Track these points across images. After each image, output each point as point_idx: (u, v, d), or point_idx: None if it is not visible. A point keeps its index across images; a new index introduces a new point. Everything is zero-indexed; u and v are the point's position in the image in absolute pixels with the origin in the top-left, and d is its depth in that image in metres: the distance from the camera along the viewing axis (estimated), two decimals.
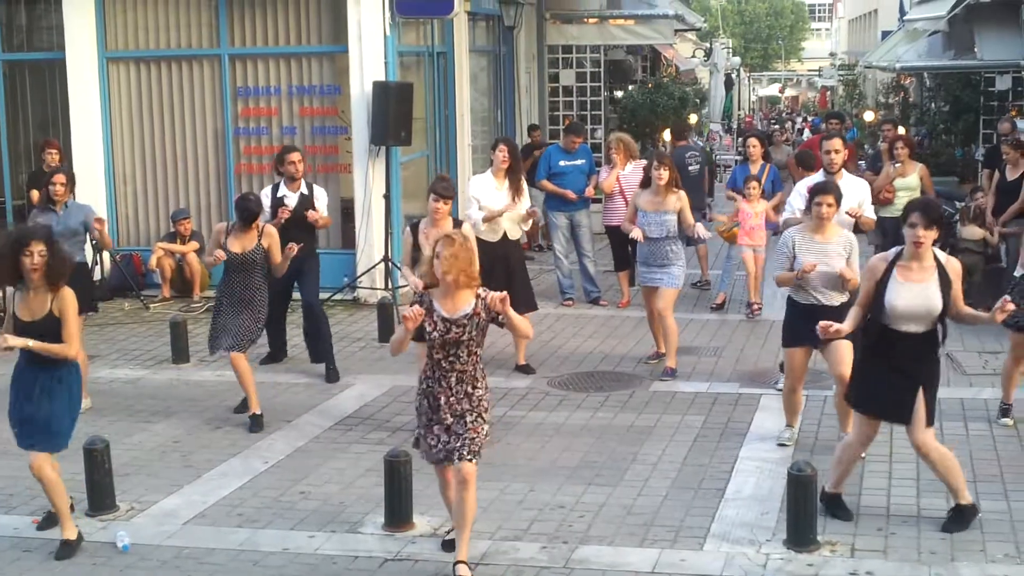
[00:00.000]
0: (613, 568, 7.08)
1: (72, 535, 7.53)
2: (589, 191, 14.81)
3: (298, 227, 11.13)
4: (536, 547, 7.38)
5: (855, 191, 10.32)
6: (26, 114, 16.39)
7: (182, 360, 12.14)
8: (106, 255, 14.97)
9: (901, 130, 18.96)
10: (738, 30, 79.85)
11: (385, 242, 14.63)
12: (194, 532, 7.79)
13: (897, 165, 14.11)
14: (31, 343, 7.25)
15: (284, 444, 9.55)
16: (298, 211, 11.32)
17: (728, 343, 12.63)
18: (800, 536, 7.24)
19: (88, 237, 11.23)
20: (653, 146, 23.15)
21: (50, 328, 7.32)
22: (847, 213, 9.81)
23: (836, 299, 8.79)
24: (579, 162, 14.87)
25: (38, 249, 7.25)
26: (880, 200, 14.33)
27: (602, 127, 22.54)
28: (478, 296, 6.87)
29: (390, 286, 14.41)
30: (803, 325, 8.58)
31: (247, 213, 10.05)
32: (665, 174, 11.09)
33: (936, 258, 7.41)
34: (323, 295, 14.18)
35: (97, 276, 14.38)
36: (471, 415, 6.97)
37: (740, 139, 28.80)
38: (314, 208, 11.47)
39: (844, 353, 8.59)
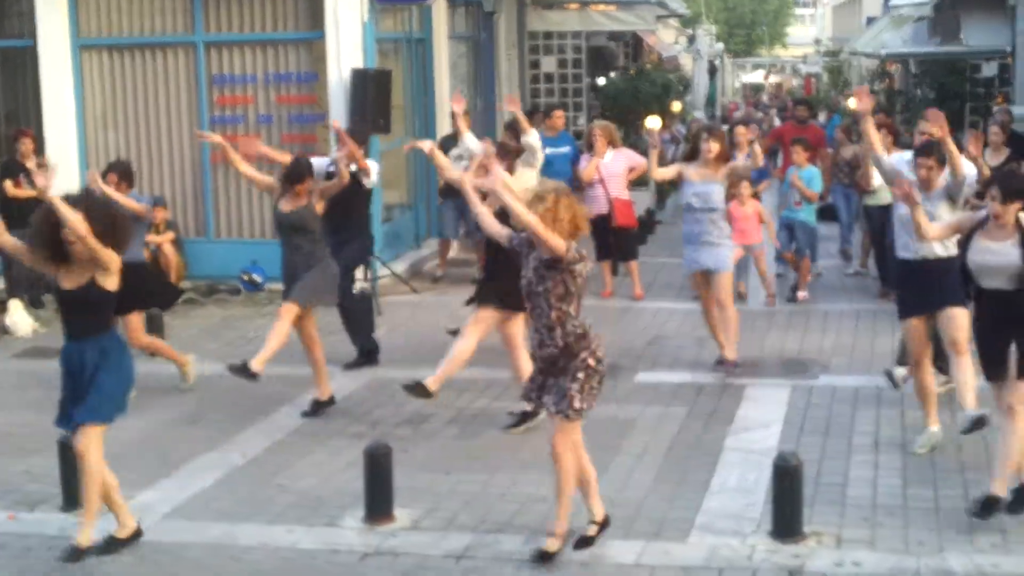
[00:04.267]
0: (597, 560, 7.01)
1: (84, 541, 7.25)
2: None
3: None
4: (519, 540, 7.30)
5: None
6: None
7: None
8: None
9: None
10: (721, 16, 79.64)
11: None
12: (171, 527, 7.69)
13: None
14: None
15: (262, 438, 9.45)
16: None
17: None
18: (786, 527, 7.17)
19: None
20: (636, 134, 23.05)
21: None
22: None
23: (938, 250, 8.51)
24: (563, 149, 14.76)
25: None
26: (862, 188, 14.29)
27: (584, 114, 22.43)
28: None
29: (370, 276, 14.27)
30: (921, 290, 8.56)
31: (294, 175, 9.88)
32: (715, 146, 10.87)
33: (1019, 221, 7.48)
34: None
35: None
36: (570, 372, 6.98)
37: (726, 126, 28.74)
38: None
39: (961, 319, 8.43)
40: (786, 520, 7.18)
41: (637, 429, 9.41)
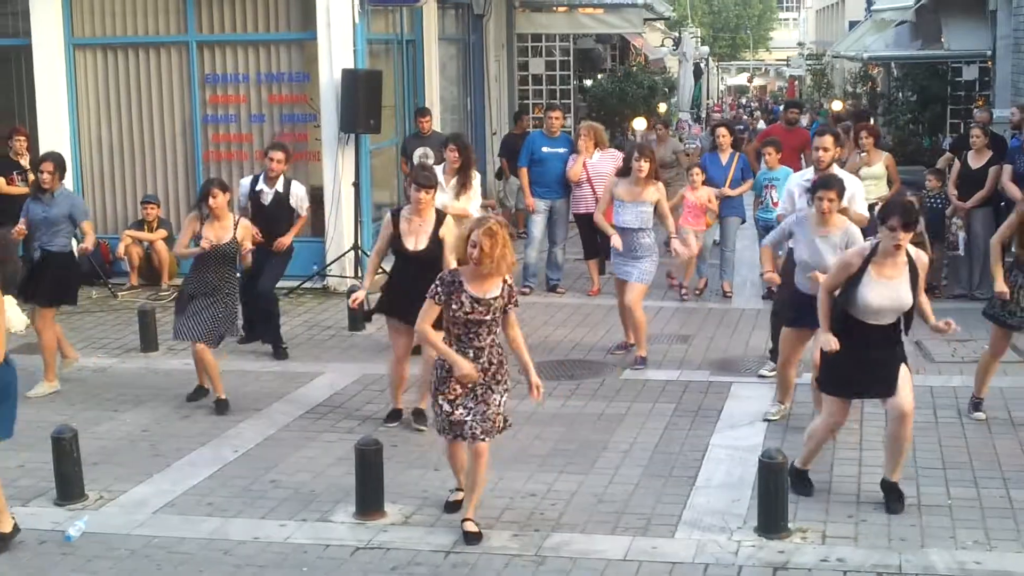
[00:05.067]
0: (584, 556, 7.08)
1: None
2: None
3: (270, 222, 11.54)
4: (507, 535, 7.38)
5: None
6: None
7: (151, 349, 12.06)
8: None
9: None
10: (706, 19, 79.78)
11: (355, 230, 14.59)
12: (164, 521, 7.74)
13: (862, 155, 14.16)
14: None
15: (254, 433, 9.50)
16: (270, 209, 11.76)
17: (698, 331, 12.65)
18: (771, 523, 7.26)
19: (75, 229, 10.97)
20: (623, 135, 23.18)
21: None
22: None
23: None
24: (560, 150, 14.83)
25: None
26: None
27: (572, 116, 22.52)
28: (505, 282, 7.26)
29: (360, 274, 14.37)
30: (808, 310, 8.63)
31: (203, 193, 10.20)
32: (645, 166, 11.07)
33: (908, 254, 7.46)
34: (292, 283, 14.21)
35: None
36: (484, 390, 7.31)
37: (708, 128, 28.84)
38: (288, 204, 11.90)
39: None
40: (771, 516, 7.27)
41: (624, 426, 9.49)
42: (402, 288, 9.28)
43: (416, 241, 9.34)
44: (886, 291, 7.40)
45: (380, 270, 10.04)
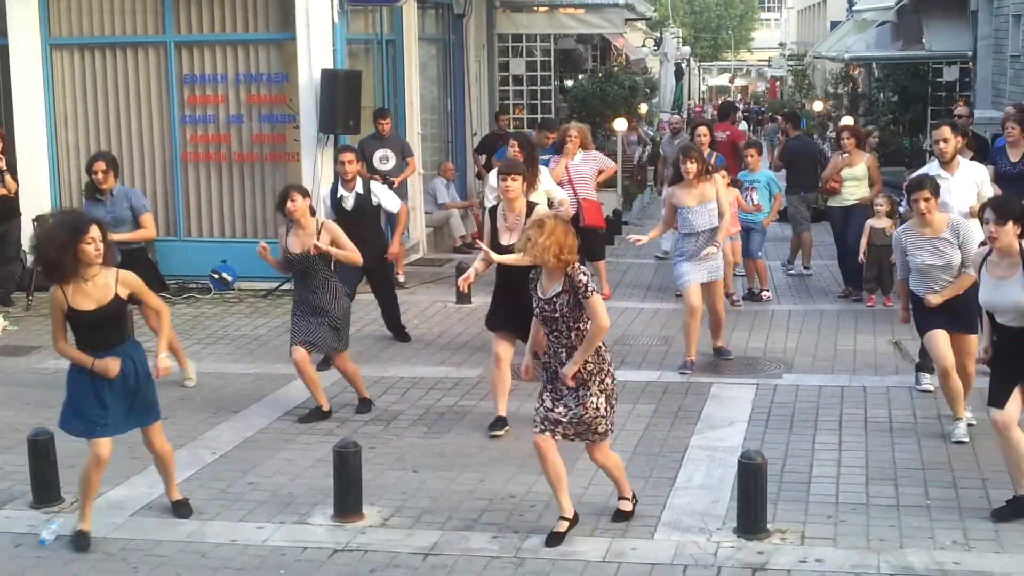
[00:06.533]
0: (564, 557, 7.06)
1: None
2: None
3: (358, 226, 11.09)
4: (487, 537, 7.36)
5: (972, 175, 10.43)
6: None
7: None
8: None
9: (849, 120, 19.09)
10: (688, 20, 80.00)
11: None
12: (141, 524, 7.71)
13: (844, 155, 14.20)
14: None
15: (232, 435, 9.47)
16: (353, 214, 11.59)
17: (679, 332, 12.59)
18: (750, 524, 7.25)
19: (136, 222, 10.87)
20: (604, 135, 23.20)
21: (119, 310, 7.35)
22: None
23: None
24: (545, 157, 14.82)
25: (97, 235, 7.13)
26: (827, 190, 14.44)
27: (553, 116, 22.52)
28: (566, 275, 7.13)
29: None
30: (933, 313, 8.83)
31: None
32: (692, 167, 10.95)
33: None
34: (271, 285, 14.19)
35: None
36: (583, 389, 7.23)
37: (689, 128, 28.86)
38: (371, 204, 11.84)
39: (971, 346, 8.80)
40: (751, 517, 7.26)
41: None
42: (507, 295, 9.27)
43: (511, 236, 9.21)
44: (996, 288, 7.55)
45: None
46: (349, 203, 11.69)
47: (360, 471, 7.69)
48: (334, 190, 11.90)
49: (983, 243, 7.89)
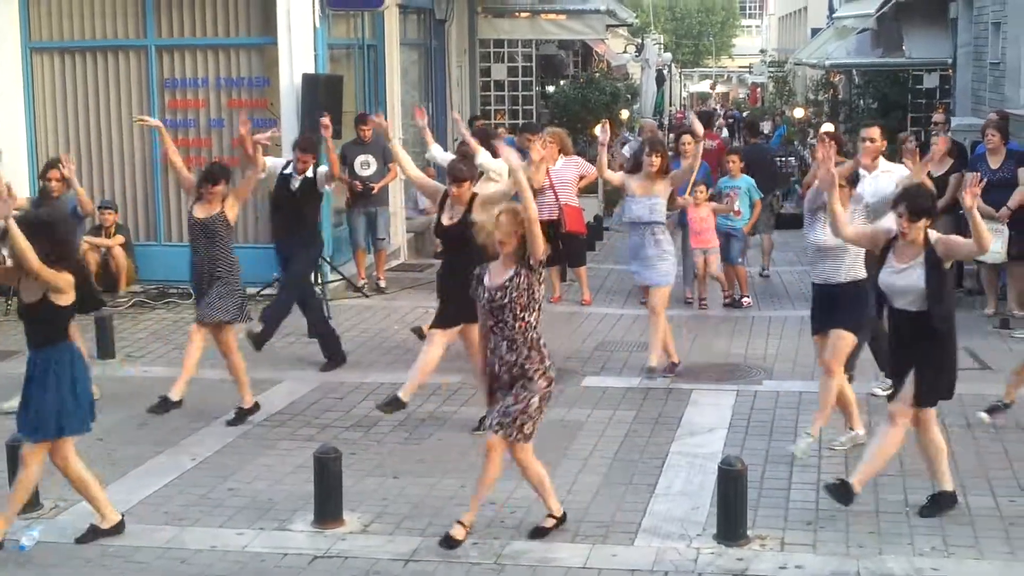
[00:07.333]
0: (544, 564, 7.07)
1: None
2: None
3: (295, 210, 11.54)
4: (467, 543, 7.33)
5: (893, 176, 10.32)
6: None
7: (107, 356, 11.95)
8: None
9: (830, 127, 19.15)
10: (669, 26, 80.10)
11: None
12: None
13: None
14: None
15: (212, 440, 9.45)
16: (296, 195, 11.57)
17: None
18: (730, 530, 7.28)
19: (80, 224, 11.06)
20: (585, 141, 23.20)
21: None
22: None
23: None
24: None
25: None
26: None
27: (535, 121, 22.50)
28: (520, 258, 7.19)
29: (320, 281, 14.28)
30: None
31: (208, 176, 10.02)
32: (657, 161, 11.08)
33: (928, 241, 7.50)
34: (251, 291, 14.11)
35: None
36: (524, 381, 7.22)
37: (672, 135, 28.94)
38: (316, 187, 11.65)
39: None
40: (731, 524, 7.29)
41: (584, 433, 9.49)
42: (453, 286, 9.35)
43: (451, 219, 9.90)
44: (897, 272, 7.58)
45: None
46: (295, 184, 11.55)
47: (340, 477, 7.69)
48: (286, 166, 11.73)
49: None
